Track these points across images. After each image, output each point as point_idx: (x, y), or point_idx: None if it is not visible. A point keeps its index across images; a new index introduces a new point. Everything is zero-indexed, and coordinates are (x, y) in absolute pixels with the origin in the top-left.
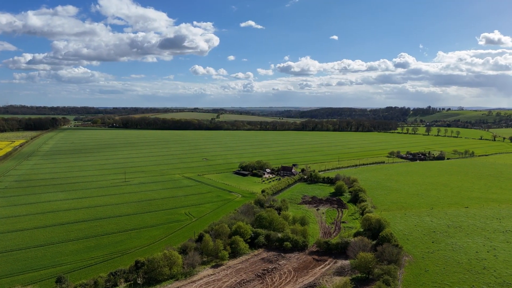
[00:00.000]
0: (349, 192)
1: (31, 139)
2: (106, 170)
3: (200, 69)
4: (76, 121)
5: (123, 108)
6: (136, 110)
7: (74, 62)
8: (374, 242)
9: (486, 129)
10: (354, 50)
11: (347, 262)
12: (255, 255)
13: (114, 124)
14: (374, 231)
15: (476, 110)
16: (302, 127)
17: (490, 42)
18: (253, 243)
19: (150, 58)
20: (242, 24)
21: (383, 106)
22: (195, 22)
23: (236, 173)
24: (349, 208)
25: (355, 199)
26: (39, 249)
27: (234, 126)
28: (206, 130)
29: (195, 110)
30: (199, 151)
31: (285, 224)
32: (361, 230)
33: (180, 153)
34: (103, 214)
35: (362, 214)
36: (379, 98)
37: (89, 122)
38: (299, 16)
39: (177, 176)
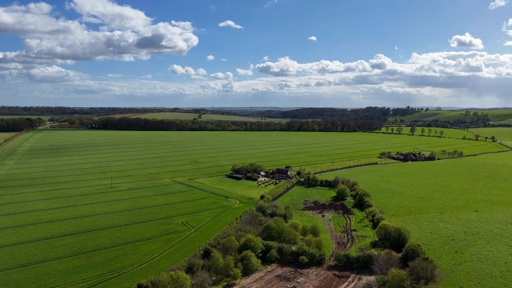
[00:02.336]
0: (351, 196)
1: (5, 141)
2: (90, 174)
3: (178, 68)
4: (51, 122)
5: (100, 108)
6: (114, 110)
7: (48, 61)
8: (399, 255)
9: (465, 129)
10: (332, 50)
11: (372, 278)
12: (268, 271)
13: (93, 125)
14: (392, 241)
15: (453, 110)
16: (288, 128)
17: (461, 44)
18: (264, 258)
19: (127, 57)
20: (221, 24)
21: (360, 106)
22: (173, 21)
23: (229, 176)
24: (355, 214)
25: (360, 204)
26: (21, 270)
27: (219, 126)
28: (190, 131)
29: (175, 110)
30: (186, 153)
31: (296, 235)
32: (377, 239)
33: (167, 155)
34: (92, 225)
35: (372, 221)
36: (357, 98)
37: (66, 123)
38: (278, 17)
39: (167, 180)
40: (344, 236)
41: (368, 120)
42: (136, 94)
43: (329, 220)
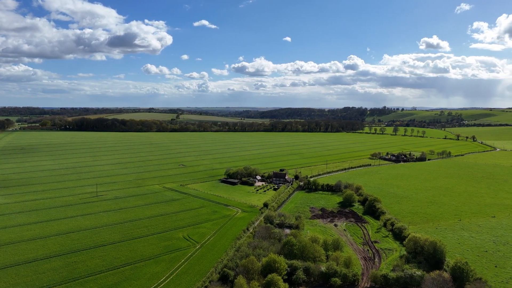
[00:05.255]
0: (359, 202)
1: None
2: (71, 181)
3: (152, 68)
4: (19, 123)
5: (72, 109)
6: (87, 110)
7: (14, 59)
8: (447, 274)
9: (442, 128)
10: (306, 51)
11: None
12: None
13: (67, 126)
14: (427, 256)
15: (427, 110)
16: (272, 128)
17: (430, 46)
18: (289, 280)
19: (99, 56)
20: (196, 24)
21: (334, 106)
22: (146, 20)
23: (224, 181)
24: (370, 223)
25: (372, 210)
26: None
27: (200, 127)
28: (171, 132)
29: (151, 110)
30: (172, 155)
31: (320, 252)
32: (405, 253)
33: (152, 158)
34: (80, 243)
35: (392, 231)
36: (331, 99)
37: (37, 124)
38: (252, 17)
39: (157, 187)
40: (368, 250)
41: (346, 120)
42: (109, 94)
43: (344, 230)
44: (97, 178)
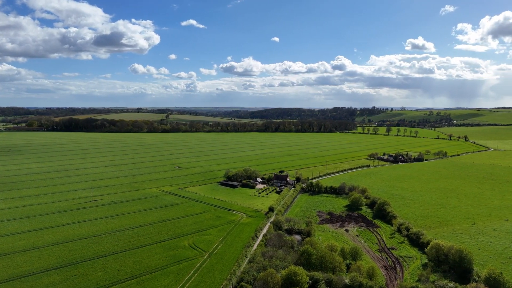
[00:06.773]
0: (366, 205)
1: None
2: (62, 185)
3: (139, 67)
4: (4, 124)
5: (58, 109)
6: (73, 110)
7: None
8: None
9: (432, 128)
10: (295, 52)
11: None
12: None
13: (55, 127)
14: (452, 265)
15: (416, 110)
16: (265, 128)
17: (415, 47)
18: None
19: (85, 56)
20: (183, 23)
21: (322, 106)
22: (133, 20)
23: (223, 184)
24: (381, 227)
25: (382, 214)
26: None
27: (192, 127)
28: (162, 132)
29: (139, 110)
30: (166, 157)
31: (340, 261)
32: (427, 261)
33: (146, 160)
34: (79, 254)
35: (407, 236)
36: (319, 99)
37: (23, 125)
38: (241, 17)
39: (154, 190)
40: (387, 258)
41: (337, 120)
42: (95, 93)
43: (356, 235)
44: (90, 181)
